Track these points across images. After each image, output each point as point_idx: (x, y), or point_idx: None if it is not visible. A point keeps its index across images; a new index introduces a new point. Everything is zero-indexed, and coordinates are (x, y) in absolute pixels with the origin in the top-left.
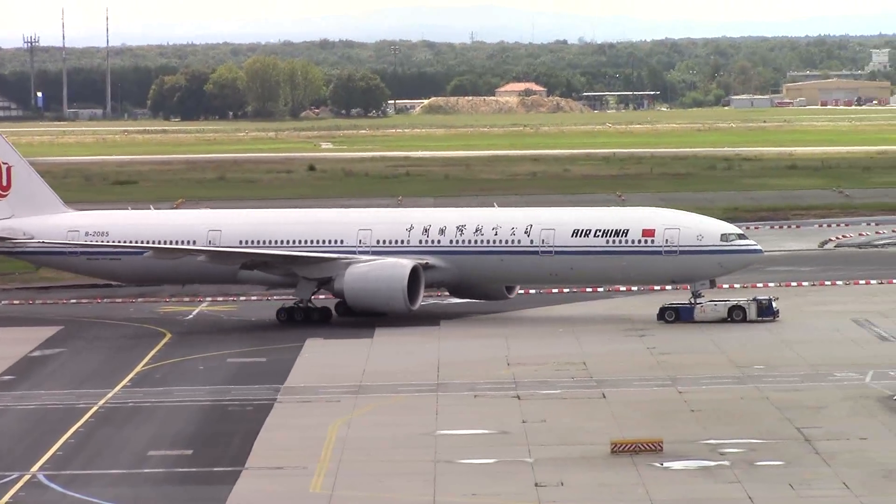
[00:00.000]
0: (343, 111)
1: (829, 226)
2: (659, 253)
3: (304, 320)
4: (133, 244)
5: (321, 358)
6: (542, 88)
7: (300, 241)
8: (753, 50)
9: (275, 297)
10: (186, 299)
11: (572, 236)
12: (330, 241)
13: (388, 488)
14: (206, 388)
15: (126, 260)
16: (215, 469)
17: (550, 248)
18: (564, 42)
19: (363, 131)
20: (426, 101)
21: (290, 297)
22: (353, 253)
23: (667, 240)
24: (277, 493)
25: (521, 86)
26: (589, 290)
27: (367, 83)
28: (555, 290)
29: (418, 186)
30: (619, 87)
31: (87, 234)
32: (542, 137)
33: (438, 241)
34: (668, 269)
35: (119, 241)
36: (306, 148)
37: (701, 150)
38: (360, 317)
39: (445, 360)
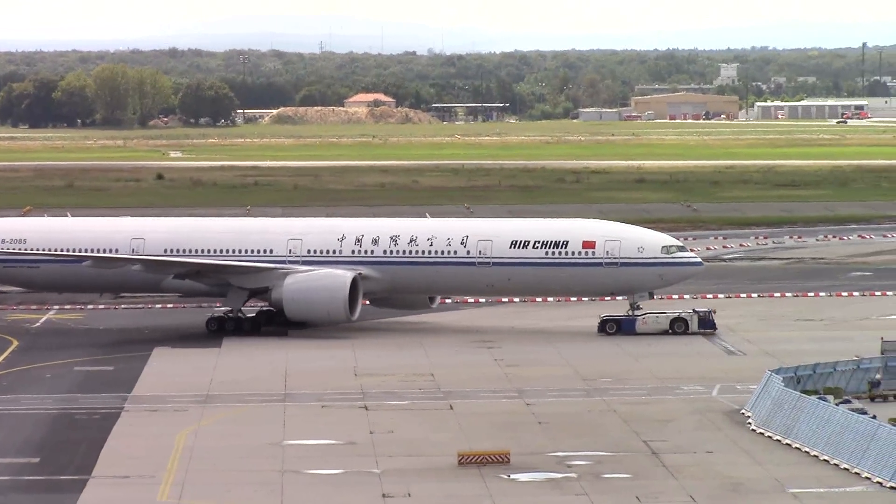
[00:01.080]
0: (192, 120)
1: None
2: (600, 265)
3: (235, 330)
4: (63, 252)
5: (169, 367)
6: (391, 99)
7: (227, 251)
8: (602, 63)
9: (123, 307)
10: (34, 307)
11: (510, 247)
12: (259, 251)
13: (236, 498)
14: (53, 396)
15: (44, 268)
16: (62, 477)
17: (488, 260)
18: (413, 53)
19: (212, 140)
20: (275, 111)
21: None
22: (284, 263)
23: (608, 252)
24: (124, 502)
25: (370, 96)
26: (449, 300)
27: (215, 92)
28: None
29: (267, 196)
30: (468, 98)
31: (3, 240)
32: (391, 148)
33: (372, 252)
34: (608, 280)
35: (37, 249)
36: (154, 157)
37: (549, 163)
38: (285, 326)
39: (293, 369)
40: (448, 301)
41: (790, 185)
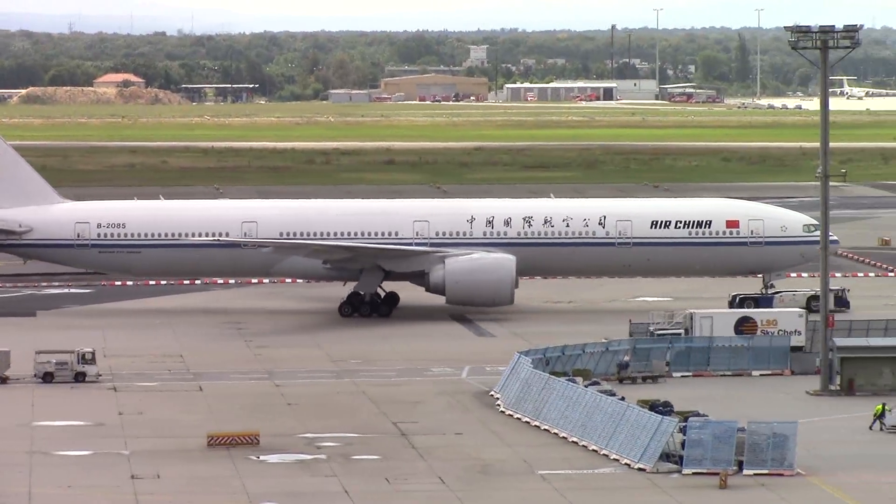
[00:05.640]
0: None
1: None
2: (744, 244)
3: (371, 312)
4: (168, 236)
5: None
6: (140, 80)
7: (348, 233)
8: (351, 44)
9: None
10: None
11: (651, 227)
12: (382, 234)
13: None
14: None
15: (146, 253)
16: None
17: (628, 240)
18: (163, 34)
19: None
20: (23, 91)
21: None
22: (410, 245)
23: (752, 231)
24: None
25: (120, 76)
26: (199, 282)
27: None
28: (151, 282)
29: None
30: (218, 79)
31: (99, 225)
32: (141, 129)
33: (504, 234)
34: (751, 259)
35: (137, 234)
36: None
37: (299, 144)
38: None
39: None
40: (197, 282)
41: (539, 167)
